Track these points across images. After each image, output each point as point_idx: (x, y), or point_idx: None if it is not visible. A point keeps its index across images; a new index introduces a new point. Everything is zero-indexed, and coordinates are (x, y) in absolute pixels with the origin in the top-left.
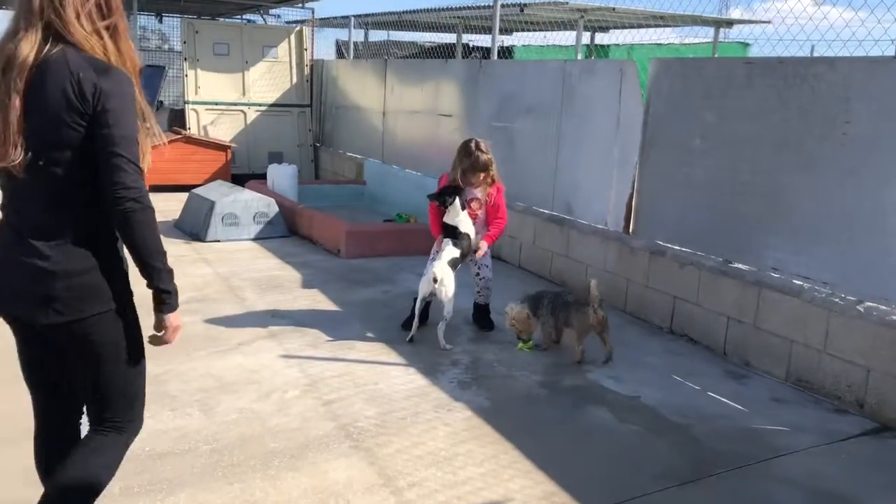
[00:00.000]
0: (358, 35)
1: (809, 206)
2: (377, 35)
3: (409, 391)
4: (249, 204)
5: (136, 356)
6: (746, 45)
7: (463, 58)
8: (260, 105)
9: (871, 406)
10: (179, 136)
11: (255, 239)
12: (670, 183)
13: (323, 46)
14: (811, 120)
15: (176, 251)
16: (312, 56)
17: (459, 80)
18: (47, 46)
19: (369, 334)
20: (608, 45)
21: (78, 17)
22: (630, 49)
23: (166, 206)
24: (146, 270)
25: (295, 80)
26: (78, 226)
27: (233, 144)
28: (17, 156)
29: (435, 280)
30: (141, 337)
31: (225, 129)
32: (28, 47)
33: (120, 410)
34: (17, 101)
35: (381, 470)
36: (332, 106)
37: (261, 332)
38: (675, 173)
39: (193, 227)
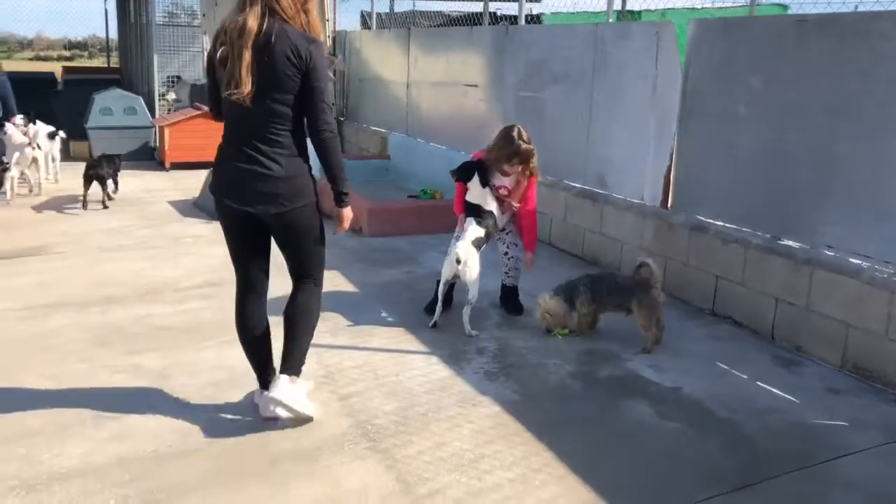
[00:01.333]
0: (382, 6)
1: (870, 178)
2: (403, 6)
3: (431, 383)
4: None
5: (321, 233)
6: (785, 7)
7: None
8: None
9: None
10: (200, 112)
11: None
12: (712, 154)
13: (346, 17)
14: (872, 82)
15: (194, 231)
16: (335, 27)
17: (485, 49)
18: (266, 20)
19: (390, 319)
20: (640, 11)
21: (292, 4)
22: (663, 14)
23: (188, 184)
24: (333, 177)
25: None
26: (289, 144)
27: None
28: (247, 90)
29: (458, 261)
30: (322, 221)
31: None
32: (254, 21)
33: (315, 270)
34: (247, 56)
35: (399, 475)
36: (356, 78)
37: (277, 318)
38: (718, 144)
39: (213, 206)
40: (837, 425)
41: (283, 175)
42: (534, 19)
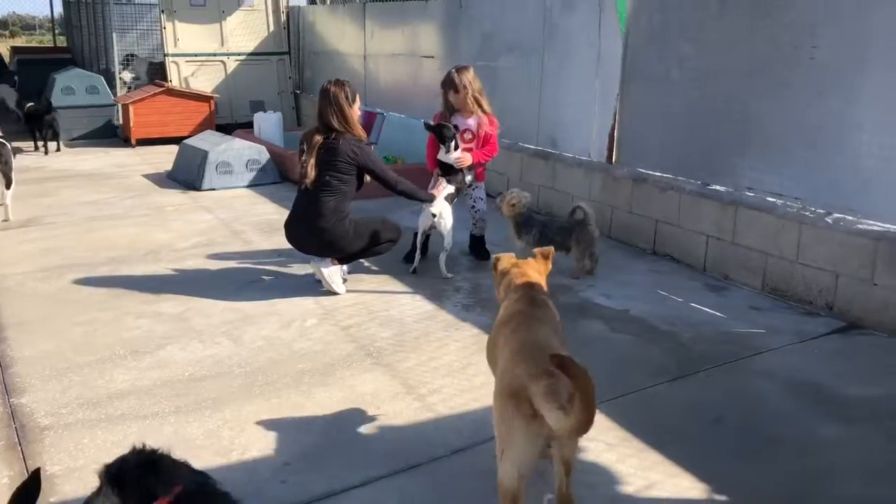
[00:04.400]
0: None
1: (780, 128)
2: None
3: (418, 315)
4: (241, 152)
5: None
6: None
7: None
8: (239, 55)
9: (839, 307)
10: (162, 89)
11: (249, 186)
12: (650, 113)
13: None
14: (780, 47)
15: (175, 200)
16: (288, 3)
17: (440, 21)
18: (325, 135)
19: (374, 268)
20: None
21: (340, 122)
22: None
23: (156, 158)
24: (418, 199)
25: (272, 28)
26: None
27: (215, 95)
28: (312, 180)
29: (434, 215)
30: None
31: (206, 80)
32: (320, 137)
33: (383, 234)
34: (312, 160)
35: (403, 381)
36: (311, 52)
37: (271, 269)
38: (655, 104)
39: (188, 177)
40: (757, 332)
41: (328, 227)
42: None
